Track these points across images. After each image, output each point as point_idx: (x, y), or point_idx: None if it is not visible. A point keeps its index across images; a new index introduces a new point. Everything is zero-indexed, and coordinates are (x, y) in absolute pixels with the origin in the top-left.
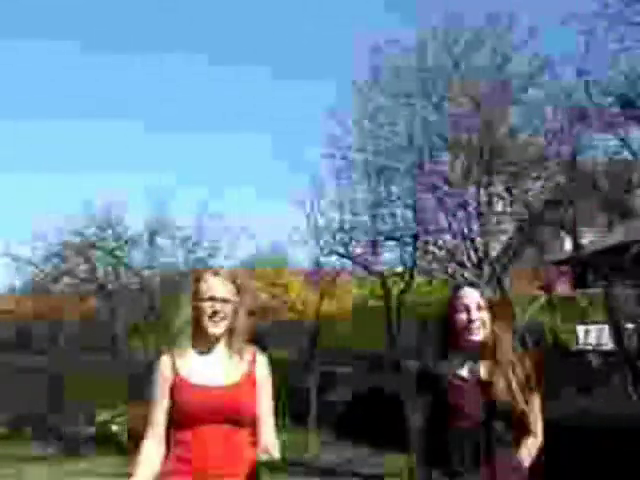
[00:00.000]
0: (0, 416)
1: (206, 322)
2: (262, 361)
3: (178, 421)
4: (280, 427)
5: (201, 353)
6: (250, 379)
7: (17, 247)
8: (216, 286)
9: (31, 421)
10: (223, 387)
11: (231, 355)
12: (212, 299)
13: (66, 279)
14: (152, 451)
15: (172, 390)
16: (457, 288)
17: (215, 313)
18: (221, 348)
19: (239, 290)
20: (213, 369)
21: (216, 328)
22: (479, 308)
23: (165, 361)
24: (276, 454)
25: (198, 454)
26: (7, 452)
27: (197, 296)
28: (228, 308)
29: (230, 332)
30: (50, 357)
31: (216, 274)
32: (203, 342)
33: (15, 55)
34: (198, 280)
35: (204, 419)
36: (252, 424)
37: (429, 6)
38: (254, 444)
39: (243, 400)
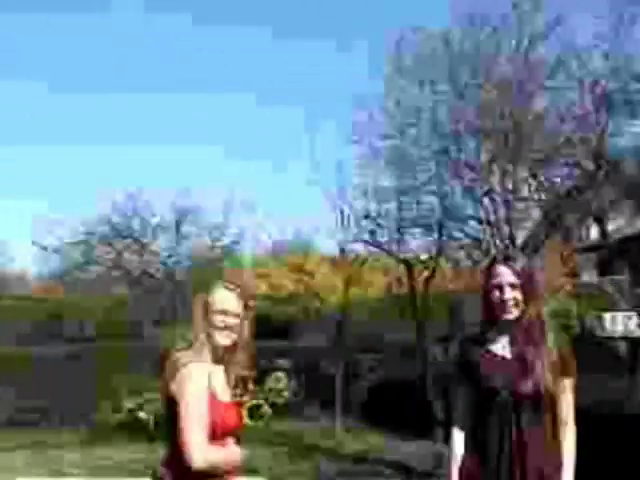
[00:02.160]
0: (31, 403)
1: (218, 334)
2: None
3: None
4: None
5: (214, 364)
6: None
7: (45, 236)
8: (229, 300)
9: (59, 408)
10: (235, 403)
11: (235, 369)
12: (224, 313)
13: (93, 267)
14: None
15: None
16: (491, 265)
17: (226, 327)
18: (225, 360)
19: (245, 304)
20: (226, 384)
21: (225, 339)
22: (512, 287)
23: (202, 375)
24: None
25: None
26: (37, 438)
27: (210, 307)
28: (237, 321)
29: (233, 345)
30: (76, 344)
31: (229, 289)
32: (213, 352)
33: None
34: (212, 291)
35: (221, 435)
36: None
37: None
38: None
39: (242, 417)
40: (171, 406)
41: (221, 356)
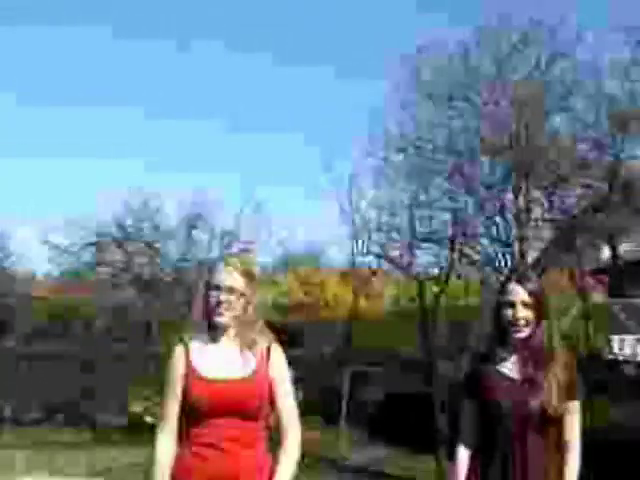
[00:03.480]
0: (34, 402)
1: (212, 312)
2: (277, 354)
3: (189, 414)
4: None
5: (213, 344)
6: (261, 373)
7: (55, 236)
8: (222, 276)
9: (64, 408)
10: (233, 380)
11: (242, 347)
12: (217, 288)
13: (102, 269)
14: (166, 448)
15: (185, 382)
16: (505, 283)
17: (219, 303)
18: (232, 339)
19: (250, 281)
20: (225, 362)
21: (221, 318)
22: (525, 305)
23: (179, 351)
24: None
25: (205, 450)
26: (40, 438)
27: (206, 286)
28: (234, 298)
29: (240, 323)
30: (84, 345)
31: (226, 264)
32: (213, 332)
33: (38, 41)
34: (209, 271)
35: (214, 413)
36: (263, 416)
37: (476, 7)
38: (265, 437)
39: (251, 394)
40: None
41: (225, 333)
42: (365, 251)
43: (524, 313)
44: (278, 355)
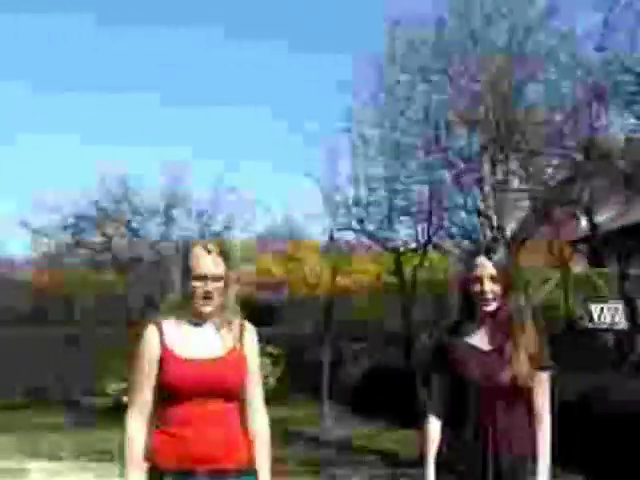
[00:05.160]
0: (17, 386)
1: (198, 301)
2: (250, 333)
3: (165, 396)
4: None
5: (190, 326)
6: (237, 352)
7: (33, 218)
8: (208, 264)
9: (47, 391)
10: (210, 360)
11: (219, 328)
12: (203, 278)
13: (81, 251)
14: (137, 428)
15: (159, 364)
16: (472, 257)
17: (208, 293)
18: (210, 321)
19: (229, 262)
20: (201, 342)
21: (207, 307)
22: (492, 279)
23: (152, 333)
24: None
25: (184, 430)
26: (24, 421)
27: (188, 273)
28: (219, 285)
29: (220, 306)
30: (66, 329)
31: (208, 251)
32: (193, 316)
33: (33, 29)
34: (190, 256)
35: (191, 393)
36: (238, 394)
37: None
38: (239, 414)
39: (229, 373)
40: None
41: (205, 319)
42: (344, 226)
43: (492, 287)
44: (251, 334)
